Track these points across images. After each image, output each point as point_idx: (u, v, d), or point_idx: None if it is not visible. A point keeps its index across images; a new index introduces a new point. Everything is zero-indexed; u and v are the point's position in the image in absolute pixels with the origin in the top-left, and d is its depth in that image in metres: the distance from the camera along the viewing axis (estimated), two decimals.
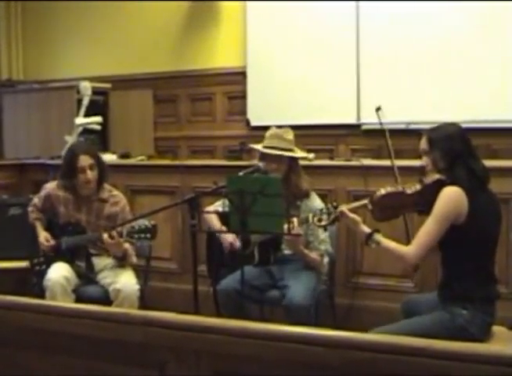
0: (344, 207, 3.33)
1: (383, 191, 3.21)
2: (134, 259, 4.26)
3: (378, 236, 3.17)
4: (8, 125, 6.92)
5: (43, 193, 4.43)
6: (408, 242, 3.37)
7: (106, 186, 4.37)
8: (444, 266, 3.17)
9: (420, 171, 3.26)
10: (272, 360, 1.74)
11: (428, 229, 3.02)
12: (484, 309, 3.02)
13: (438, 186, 3.05)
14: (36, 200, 4.44)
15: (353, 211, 3.32)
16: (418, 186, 3.15)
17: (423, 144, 3.18)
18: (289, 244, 3.86)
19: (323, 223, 3.41)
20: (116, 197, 4.37)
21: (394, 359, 1.59)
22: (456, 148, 3.08)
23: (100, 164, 4.31)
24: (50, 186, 4.43)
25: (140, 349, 1.90)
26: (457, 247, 3.03)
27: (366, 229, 3.22)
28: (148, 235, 3.95)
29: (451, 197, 2.99)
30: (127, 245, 4.13)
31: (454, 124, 3.23)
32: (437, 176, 3.11)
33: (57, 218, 4.34)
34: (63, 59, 7.76)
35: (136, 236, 3.96)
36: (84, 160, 4.21)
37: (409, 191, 3.16)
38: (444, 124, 3.22)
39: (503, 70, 5.60)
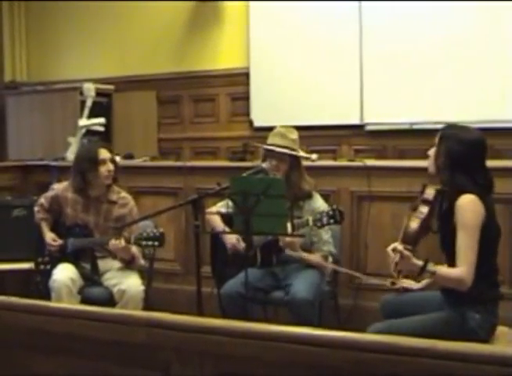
0: (402, 281, 3.20)
1: (415, 226, 3.10)
2: (141, 262, 4.26)
3: (431, 267, 3.02)
4: (11, 127, 6.92)
5: (51, 193, 4.43)
6: None
7: (115, 187, 4.38)
8: None
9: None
10: (275, 361, 1.74)
11: (468, 245, 2.95)
12: (493, 311, 3.01)
13: (441, 197, 3.05)
14: (43, 200, 4.43)
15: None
16: (425, 209, 3.10)
17: (436, 137, 3.15)
18: (287, 249, 3.86)
19: (396, 286, 3.19)
20: (124, 199, 4.37)
21: (397, 360, 1.59)
22: (461, 155, 3.03)
23: (115, 162, 4.35)
24: (59, 187, 4.44)
25: (144, 350, 1.90)
26: None
27: (418, 262, 3.04)
28: (156, 243, 3.93)
29: (473, 207, 2.96)
30: (134, 249, 4.11)
31: (473, 130, 3.15)
32: (433, 190, 3.08)
33: (63, 219, 4.34)
34: (66, 61, 7.77)
35: (144, 243, 3.94)
36: (105, 153, 4.28)
37: (422, 216, 3.10)
38: (463, 126, 3.17)
39: (508, 70, 5.59)
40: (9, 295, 2.19)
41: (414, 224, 3.10)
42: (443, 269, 3.05)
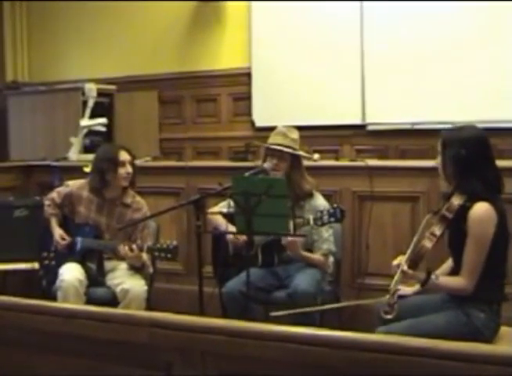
0: (403, 288, 3.11)
1: (428, 245, 3.00)
2: (151, 271, 4.23)
3: (434, 279, 3.00)
4: (13, 127, 6.92)
5: (65, 189, 4.40)
6: None
7: (130, 191, 4.36)
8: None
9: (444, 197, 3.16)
10: (277, 361, 1.74)
11: (475, 258, 2.94)
12: (497, 312, 3.01)
13: (462, 211, 2.97)
14: (55, 195, 4.39)
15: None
16: (441, 227, 2.99)
17: (438, 145, 3.12)
18: (288, 248, 3.86)
19: (389, 316, 2.99)
20: (138, 204, 4.35)
21: (399, 360, 1.59)
22: (468, 156, 2.99)
23: (134, 165, 4.34)
24: (74, 184, 4.41)
25: (146, 350, 1.90)
26: None
27: (421, 276, 3.01)
28: (169, 255, 3.89)
29: (487, 218, 2.94)
30: (145, 256, 4.08)
31: (472, 127, 3.14)
32: (458, 205, 2.98)
33: (73, 217, 4.33)
34: (68, 61, 7.77)
35: (157, 254, 3.92)
36: (125, 155, 4.27)
37: (435, 238, 2.99)
38: (461, 127, 3.15)
39: (508, 70, 5.59)
40: (10, 296, 2.19)
41: (428, 243, 2.99)
42: (445, 280, 3.05)
